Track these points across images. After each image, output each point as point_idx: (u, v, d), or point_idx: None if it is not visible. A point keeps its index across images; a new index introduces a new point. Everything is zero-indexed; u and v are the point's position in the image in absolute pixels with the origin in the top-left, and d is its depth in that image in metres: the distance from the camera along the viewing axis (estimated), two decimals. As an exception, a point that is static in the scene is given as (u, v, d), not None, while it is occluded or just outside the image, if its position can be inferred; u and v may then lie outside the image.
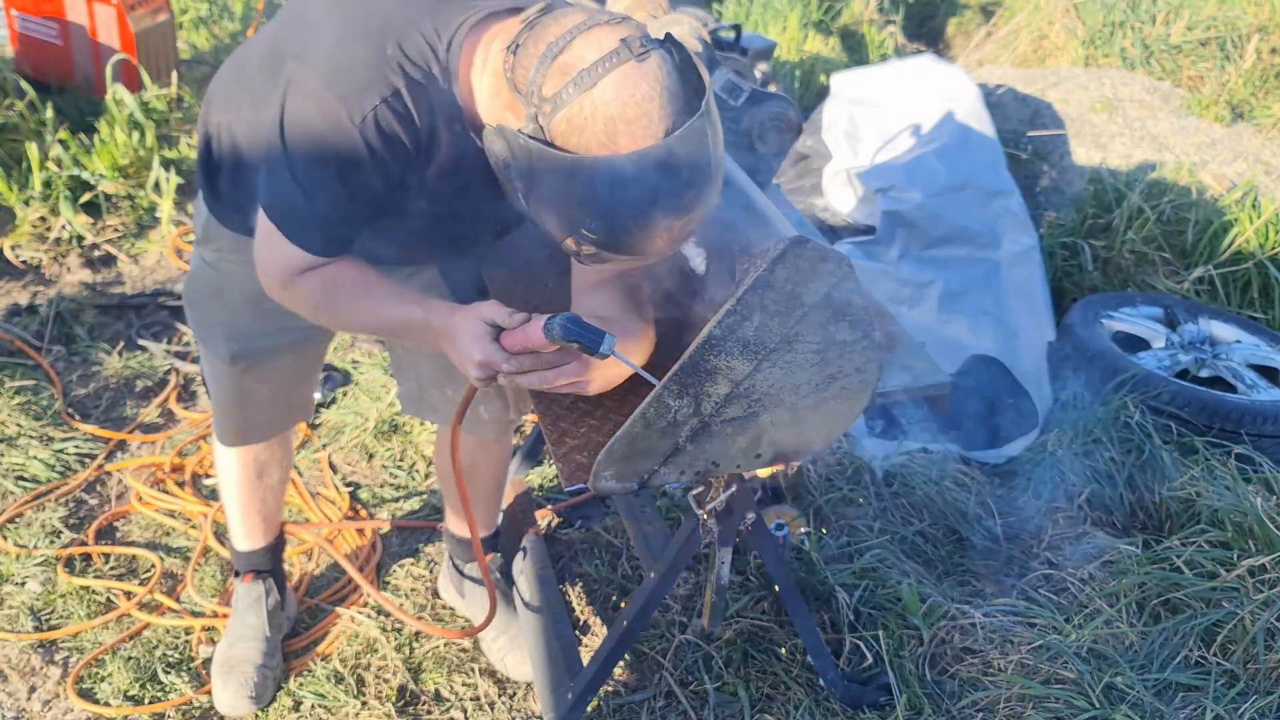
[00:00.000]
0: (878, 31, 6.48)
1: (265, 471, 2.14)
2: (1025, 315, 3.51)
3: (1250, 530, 2.30)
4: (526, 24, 1.35)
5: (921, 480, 2.69)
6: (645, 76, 1.28)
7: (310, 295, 1.55)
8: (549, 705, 1.95)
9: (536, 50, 1.31)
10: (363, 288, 1.54)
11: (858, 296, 1.36)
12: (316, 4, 1.53)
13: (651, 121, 1.28)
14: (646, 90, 1.28)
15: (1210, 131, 4.57)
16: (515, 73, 1.33)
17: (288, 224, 1.48)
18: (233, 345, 1.88)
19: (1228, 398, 2.86)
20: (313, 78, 1.42)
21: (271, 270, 1.55)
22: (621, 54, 1.27)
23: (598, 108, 1.27)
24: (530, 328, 1.42)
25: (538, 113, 1.30)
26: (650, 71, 1.29)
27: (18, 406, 2.91)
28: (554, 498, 2.73)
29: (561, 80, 1.28)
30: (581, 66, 1.27)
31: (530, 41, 1.33)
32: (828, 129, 4.24)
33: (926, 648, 2.20)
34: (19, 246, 3.64)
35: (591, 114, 1.27)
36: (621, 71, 1.27)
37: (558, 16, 1.34)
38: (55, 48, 4.55)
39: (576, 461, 1.52)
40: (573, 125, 1.28)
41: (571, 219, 1.33)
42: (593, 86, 1.27)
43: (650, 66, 1.29)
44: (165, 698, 2.18)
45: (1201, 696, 2.01)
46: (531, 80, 1.30)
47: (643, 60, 1.28)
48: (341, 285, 1.54)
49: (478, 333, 1.44)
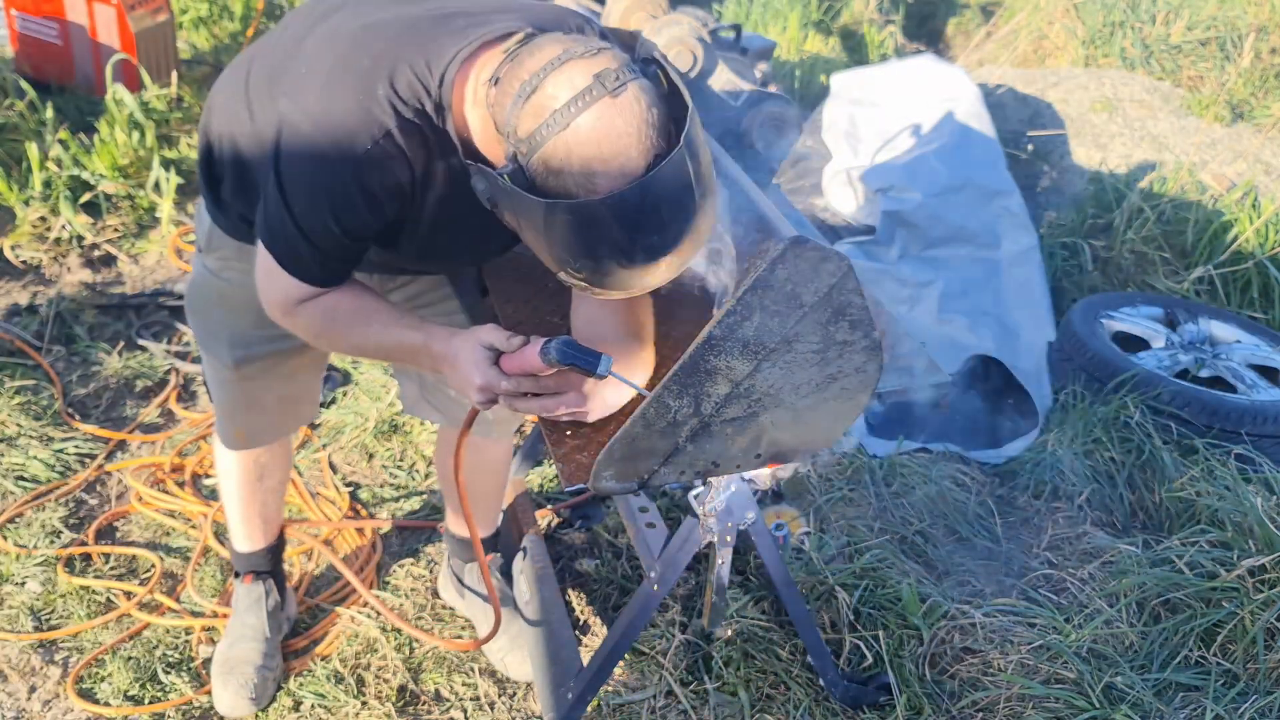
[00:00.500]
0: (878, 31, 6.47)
1: (266, 473, 2.14)
2: (1025, 315, 3.51)
3: (1250, 530, 2.30)
4: (507, 55, 1.34)
5: (921, 480, 2.69)
6: (621, 112, 1.25)
7: (312, 323, 1.58)
8: (549, 705, 1.95)
9: (512, 88, 1.29)
10: (363, 315, 1.56)
11: (858, 296, 1.36)
12: (313, 35, 1.52)
13: (630, 159, 1.25)
14: (622, 127, 1.25)
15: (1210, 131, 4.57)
16: (494, 110, 1.33)
17: (286, 259, 1.51)
18: (236, 351, 1.88)
19: (1228, 398, 2.86)
20: (305, 122, 1.43)
21: (273, 300, 1.58)
22: (595, 91, 1.24)
23: (572, 150, 1.25)
24: (528, 351, 1.43)
25: (515, 152, 1.29)
26: (626, 106, 1.25)
27: (18, 406, 2.91)
28: (554, 498, 2.73)
29: (535, 122, 1.26)
30: (554, 107, 1.25)
31: (508, 77, 1.31)
32: (828, 129, 4.23)
33: (926, 648, 2.20)
34: (19, 246, 3.64)
35: (567, 157, 1.25)
36: (596, 110, 1.24)
37: (534, 50, 1.32)
38: (55, 48, 4.55)
39: (576, 461, 1.52)
40: (549, 168, 1.27)
41: (558, 258, 1.34)
42: (565, 128, 1.24)
43: (626, 101, 1.25)
44: (165, 698, 2.18)
45: (1201, 696, 2.01)
46: (507, 120, 1.29)
47: (618, 95, 1.25)
48: (342, 312, 1.56)
49: (477, 357, 1.46)
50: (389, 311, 1.58)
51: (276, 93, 1.49)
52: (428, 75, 1.42)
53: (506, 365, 1.47)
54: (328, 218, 1.45)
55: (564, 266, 1.35)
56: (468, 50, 1.41)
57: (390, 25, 1.46)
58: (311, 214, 1.45)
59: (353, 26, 1.48)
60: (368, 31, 1.46)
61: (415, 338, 1.55)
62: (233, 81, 1.63)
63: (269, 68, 1.56)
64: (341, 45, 1.46)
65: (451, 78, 1.41)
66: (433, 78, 1.42)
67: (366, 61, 1.42)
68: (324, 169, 1.42)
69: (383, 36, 1.45)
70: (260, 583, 2.25)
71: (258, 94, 1.54)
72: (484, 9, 1.49)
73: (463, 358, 1.49)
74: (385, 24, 1.46)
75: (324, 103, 1.42)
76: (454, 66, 1.41)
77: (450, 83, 1.42)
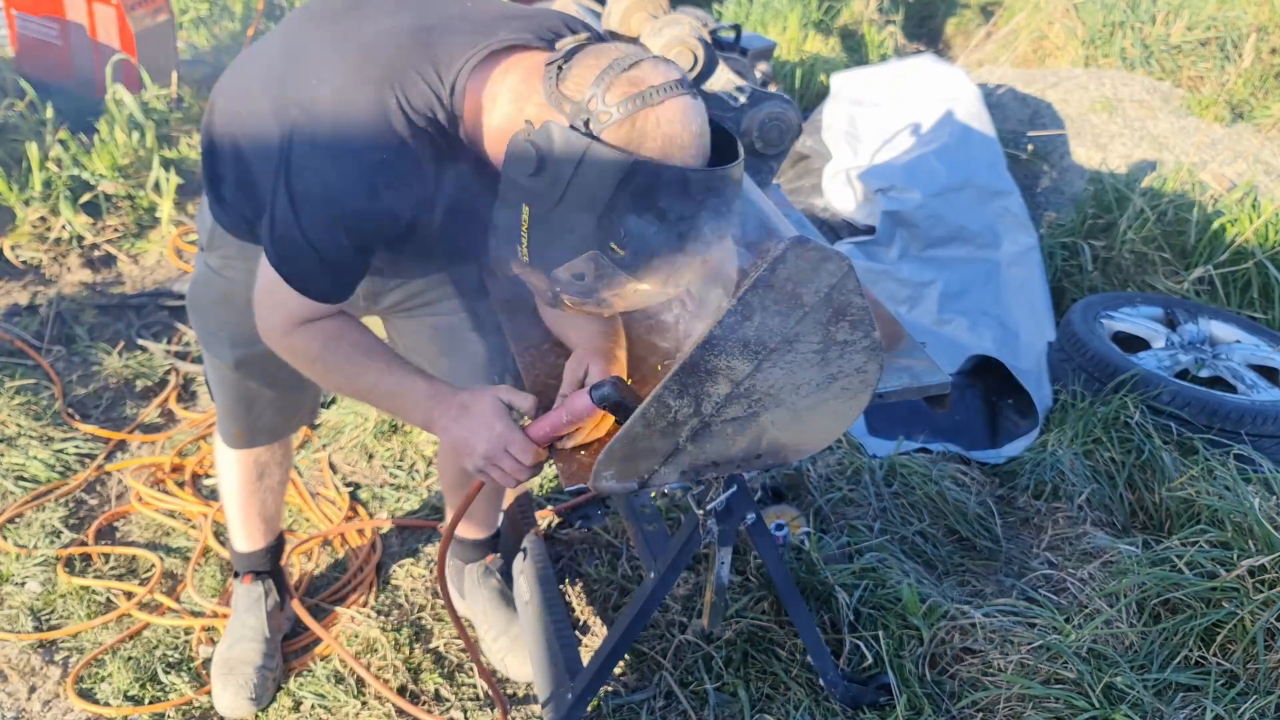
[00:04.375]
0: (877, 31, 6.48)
1: (266, 472, 2.14)
2: (1025, 315, 3.51)
3: (1250, 530, 2.30)
4: (578, 45, 1.40)
5: (921, 480, 2.69)
6: (698, 113, 1.37)
7: (310, 347, 1.56)
8: (549, 705, 1.95)
9: (598, 64, 1.36)
10: (364, 351, 1.56)
11: (858, 296, 1.36)
12: (316, 39, 1.52)
13: (699, 151, 1.37)
14: (699, 125, 1.37)
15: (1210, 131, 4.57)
16: (564, 84, 1.36)
17: (292, 273, 1.49)
18: (237, 350, 1.88)
19: (1228, 398, 2.86)
20: (318, 132, 1.43)
21: (273, 320, 1.56)
22: (681, 85, 1.35)
23: (660, 123, 1.33)
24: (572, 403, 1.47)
25: (591, 118, 1.33)
26: (700, 110, 1.38)
27: (18, 406, 2.91)
28: (554, 498, 2.73)
29: (630, 89, 1.33)
30: (652, 83, 1.33)
31: (588, 57, 1.37)
32: (828, 129, 4.24)
33: (926, 648, 2.20)
34: (19, 246, 3.64)
35: (654, 126, 1.33)
36: (682, 100, 1.35)
37: (613, 44, 1.41)
38: (55, 48, 4.55)
39: (577, 461, 1.52)
40: (635, 130, 1.33)
41: (607, 226, 1.34)
42: (659, 104, 1.33)
43: (700, 105, 1.38)
44: (165, 698, 2.18)
45: (1201, 696, 2.01)
46: (594, 84, 1.34)
47: (696, 100, 1.37)
48: (344, 342, 1.56)
49: (497, 409, 1.50)
50: (393, 355, 1.59)
51: (284, 99, 1.48)
52: (438, 84, 1.43)
53: (535, 432, 1.50)
54: (339, 228, 1.44)
55: (610, 238, 1.34)
56: (477, 57, 1.43)
57: (400, 34, 1.46)
58: (322, 225, 1.44)
59: (362, 35, 1.47)
60: (378, 40, 1.46)
61: (418, 383, 1.55)
62: (236, 82, 1.63)
63: (274, 71, 1.55)
64: (352, 54, 1.45)
65: (463, 86, 1.43)
66: (443, 86, 1.43)
67: (378, 71, 1.42)
68: (338, 180, 1.42)
69: (392, 45, 1.45)
70: (260, 583, 2.25)
71: (263, 97, 1.53)
72: (487, 16, 1.50)
73: (477, 409, 1.50)
74: (395, 32, 1.46)
75: (337, 116, 1.42)
76: (464, 75, 1.43)
77: (462, 91, 1.43)
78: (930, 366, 1.69)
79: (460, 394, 1.53)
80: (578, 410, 1.47)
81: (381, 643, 2.28)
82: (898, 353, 1.71)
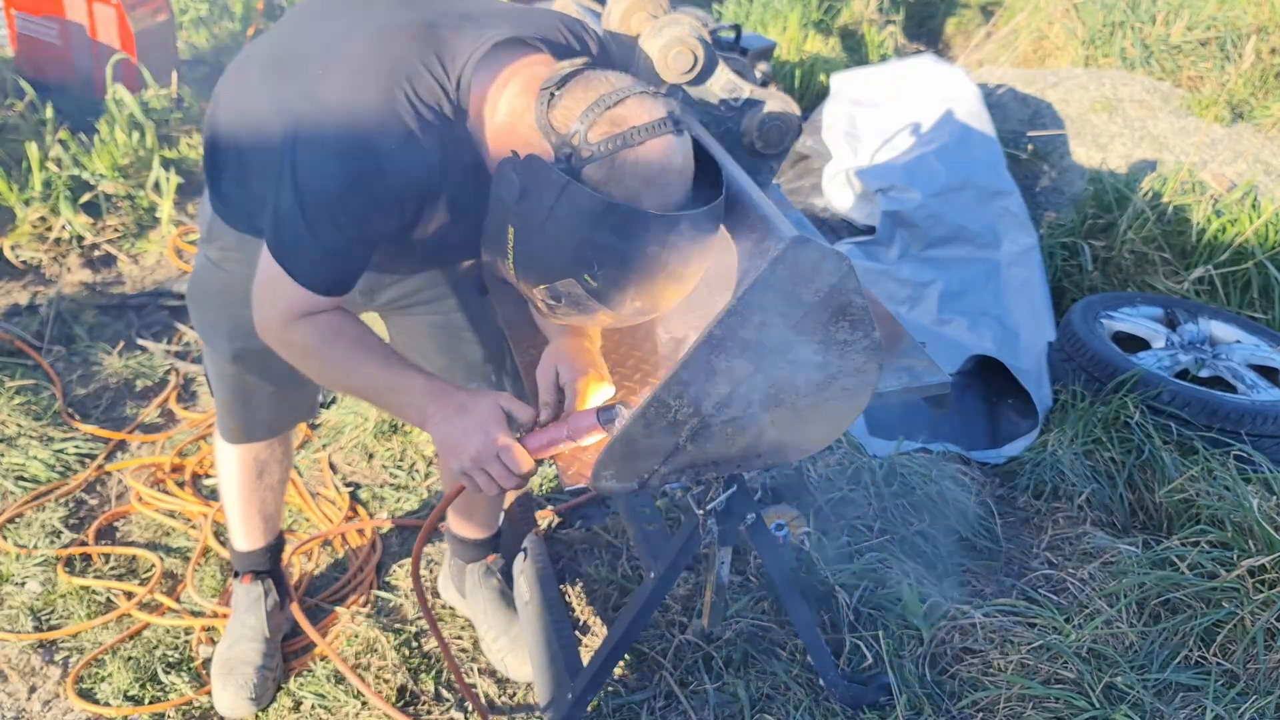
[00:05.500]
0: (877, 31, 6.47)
1: (265, 471, 2.14)
2: (1025, 315, 3.51)
3: (1250, 530, 2.30)
4: (573, 70, 1.40)
5: (921, 480, 2.69)
6: (680, 152, 1.37)
7: (308, 341, 1.56)
8: (549, 705, 1.95)
9: (586, 97, 1.36)
10: (364, 347, 1.56)
11: (858, 296, 1.36)
12: (322, 32, 1.52)
13: (675, 193, 1.38)
14: (679, 165, 1.37)
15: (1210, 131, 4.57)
16: (553, 113, 1.37)
17: (294, 264, 1.48)
18: (235, 344, 1.88)
19: (1228, 398, 2.86)
20: (325, 125, 1.43)
21: (272, 313, 1.55)
22: (666, 124, 1.35)
23: (637, 165, 1.34)
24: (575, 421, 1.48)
25: (573, 154, 1.34)
26: (684, 149, 1.38)
27: (18, 406, 2.91)
28: (554, 498, 2.73)
29: (611, 129, 1.33)
30: (634, 123, 1.34)
31: (578, 87, 1.38)
32: (828, 129, 4.23)
33: (926, 648, 2.20)
34: (19, 246, 3.64)
35: (630, 168, 1.34)
36: (663, 141, 1.35)
37: (605, 75, 1.40)
38: (55, 48, 4.55)
39: (577, 461, 1.52)
40: (610, 174, 1.34)
41: (582, 260, 1.35)
42: (639, 145, 1.34)
43: (684, 143, 1.38)
44: (165, 698, 2.17)
45: (1201, 696, 2.01)
46: (580, 119, 1.35)
47: (680, 136, 1.37)
48: (343, 337, 1.55)
49: (497, 415, 1.49)
50: (390, 351, 1.58)
51: (290, 91, 1.49)
52: (445, 78, 1.44)
53: (532, 443, 1.49)
54: (345, 221, 1.44)
55: (583, 270, 1.36)
56: (482, 49, 1.45)
57: (405, 28, 1.47)
58: (328, 217, 1.44)
59: (368, 28, 1.49)
60: (384, 33, 1.47)
61: (415, 379, 1.55)
62: (241, 74, 1.64)
63: (279, 64, 1.56)
64: (359, 47, 1.47)
65: (469, 81, 1.44)
66: (450, 80, 1.44)
67: (385, 63, 1.43)
68: (346, 173, 1.42)
69: (399, 38, 1.46)
70: (259, 582, 2.25)
71: (267, 89, 1.54)
72: (488, 15, 1.52)
73: (475, 410, 1.49)
74: (401, 26, 1.48)
75: (345, 107, 1.43)
76: (470, 68, 1.44)
77: (468, 85, 1.45)
78: (930, 366, 1.69)
79: (460, 393, 1.53)
80: (580, 430, 1.48)
81: (381, 643, 2.28)
82: (897, 353, 1.71)
